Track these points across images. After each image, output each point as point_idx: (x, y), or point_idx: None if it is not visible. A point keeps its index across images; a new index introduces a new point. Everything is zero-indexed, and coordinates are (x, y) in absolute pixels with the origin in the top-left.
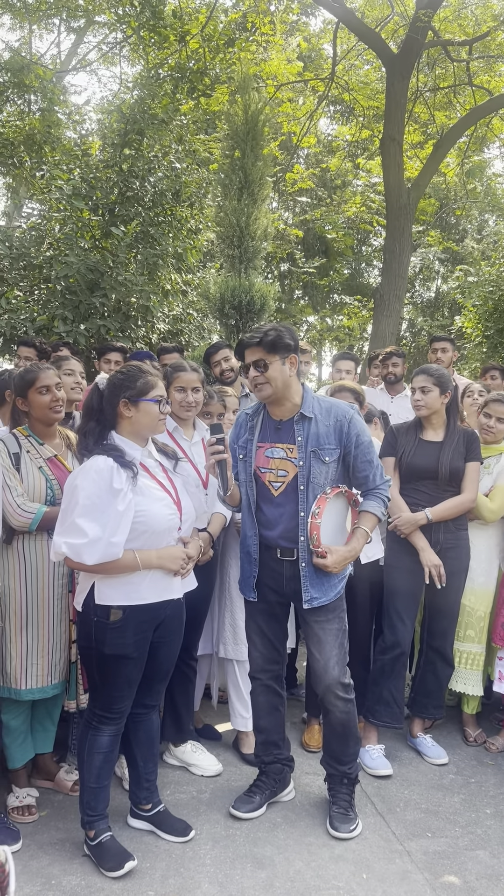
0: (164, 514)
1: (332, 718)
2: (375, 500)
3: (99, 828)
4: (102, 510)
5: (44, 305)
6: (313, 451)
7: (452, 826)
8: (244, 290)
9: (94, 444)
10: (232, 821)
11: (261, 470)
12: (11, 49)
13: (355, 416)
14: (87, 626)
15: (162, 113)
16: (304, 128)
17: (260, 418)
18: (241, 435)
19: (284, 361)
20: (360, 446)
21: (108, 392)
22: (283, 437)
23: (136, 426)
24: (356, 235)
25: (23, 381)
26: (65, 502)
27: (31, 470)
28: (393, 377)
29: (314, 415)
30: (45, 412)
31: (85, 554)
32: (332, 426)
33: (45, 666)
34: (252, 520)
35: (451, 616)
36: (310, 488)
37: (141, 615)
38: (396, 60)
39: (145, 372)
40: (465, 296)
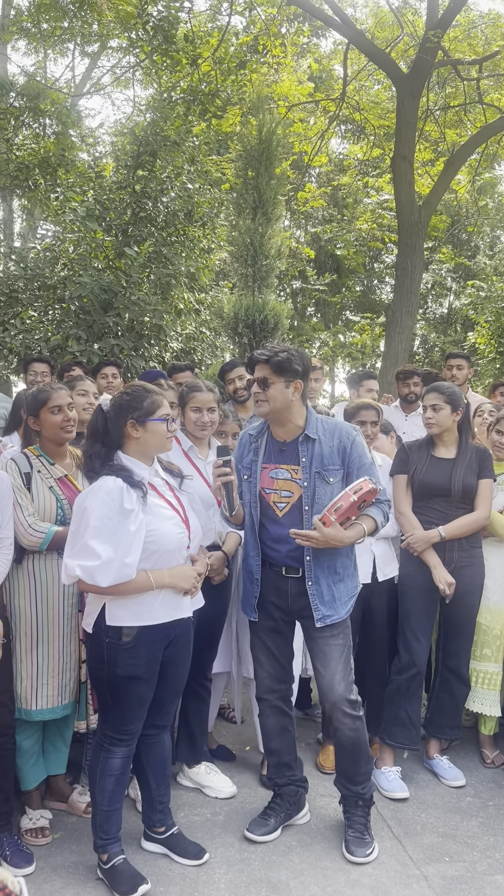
0: (173, 532)
1: (342, 737)
2: (377, 509)
3: (112, 851)
4: (114, 531)
5: (58, 325)
6: (318, 472)
7: (470, 850)
8: (257, 309)
9: (100, 465)
10: (246, 844)
11: (266, 491)
12: (27, 74)
13: (358, 437)
14: (99, 647)
15: (174, 135)
16: (315, 147)
17: (264, 439)
18: (245, 455)
19: (288, 385)
20: (361, 468)
21: (114, 413)
22: (288, 459)
23: (144, 446)
24: (367, 253)
25: (35, 400)
26: (74, 524)
27: (41, 490)
28: (413, 396)
29: (318, 436)
30: (56, 432)
31: (99, 576)
32: (335, 447)
33: (56, 686)
34: (255, 540)
35: (467, 635)
36: (314, 509)
37: (152, 635)
38: (407, 80)
39: (151, 391)
40: (477, 312)
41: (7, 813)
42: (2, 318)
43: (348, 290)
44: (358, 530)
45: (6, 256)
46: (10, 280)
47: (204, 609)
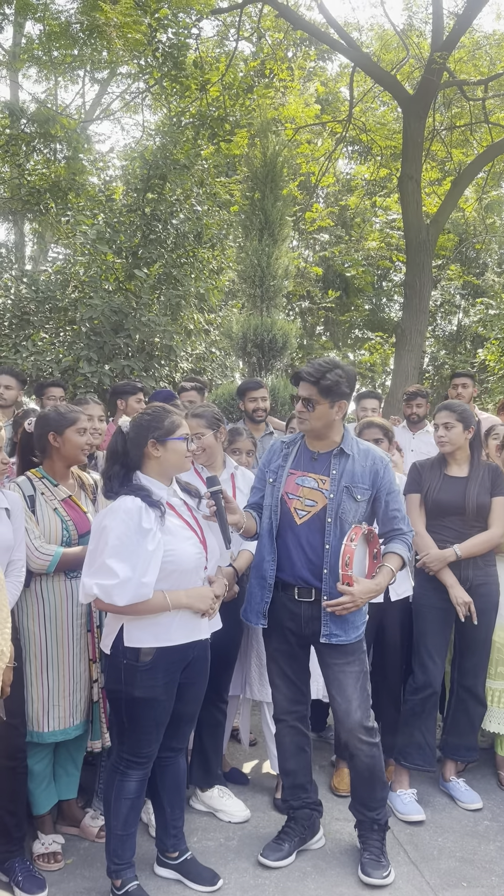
0: (191, 552)
1: (358, 763)
2: (401, 543)
3: (126, 877)
4: (132, 550)
5: (69, 347)
6: (346, 487)
7: (489, 875)
8: (266, 329)
9: (118, 486)
10: (261, 869)
11: (288, 496)
12: (38, 101)
13: (390, 464)
14: (117, 669)
15: (184, 158)
16: (322, 168)
17: (297, 447)
18: (274, 461)
19: (333, 405)
20: (391, 493)
21: (134, 433)
22: (318, 468)
23: (165, 465)
24: (375, 272)
25: (63, 418)
26: (93, 543)
27: (46, 512)
28: (416, 417)
29: (352, 453)
30: (76, 452)
31: (116, 595)
32: (367, 468)
33: (67, 707)
34: (272, 544)
35: (483, 654)
36: (337, 523)
37: (171, 656)
38: (413, 101)
39: (170, 412)
40: (487, 329)
41: (20, 838)
42: (14, 340)
43: (357, 308)
44: (385, 573)
45: (18, 279)
46: (21, 303)
47: (220, 631)
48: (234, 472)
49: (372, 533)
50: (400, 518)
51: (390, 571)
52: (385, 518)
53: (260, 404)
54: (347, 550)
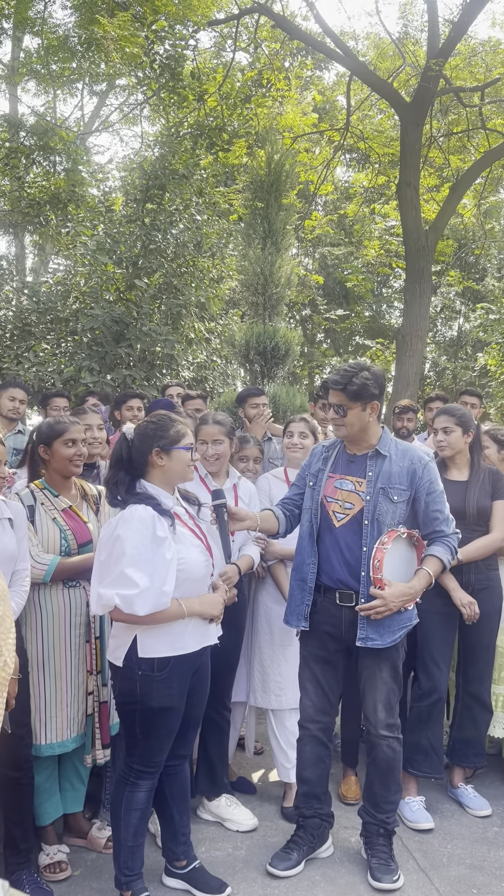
0: (200, 560)
1: (378, 755)
2: (443, 547)
3: (136, 888)
4: (149, 559)
5: (71, 357)
6: (382, 489)
7: (499, 882)
8: (268, 336)
9: (124, 493)
10: (269, 878)
11: (327, 499)
12: (37, 114)
13: (430, 463)
14: (131, 680)
15: (182, 168)
16: (321, 176)
17: (336, 451)
18: (314, 464)
19: (366, 408)
20: (431, 494)
21: (139, 441)
22: (355, 471)
23: (169, 474)
24: (375, 279)
25: (52, 430)
26: (104, 553)
27: (44, 522)
28: (405, 431)
29: (389, 454)
30: (65, 464)
31: (138, 605)
32: (405, 468)
33: (65, 719)
34: (312, 547)
35: (487, 659)
36: (374, 525)
37: (184, 664)
38: (409, 109)
39: (175, 420)
40: (487, 333)
41: (27, 850)
42: (16, 351)
43: (357, 315)
44: (422, 576)
45: (19, 291)
46: (23, 314)
47: (221, 637)
48: (236, 482)
49: (413, 537)
50: (442, 520)
51: (427, 575)
52: (426, 519)
53: (261, 411)
54: (378, 554)
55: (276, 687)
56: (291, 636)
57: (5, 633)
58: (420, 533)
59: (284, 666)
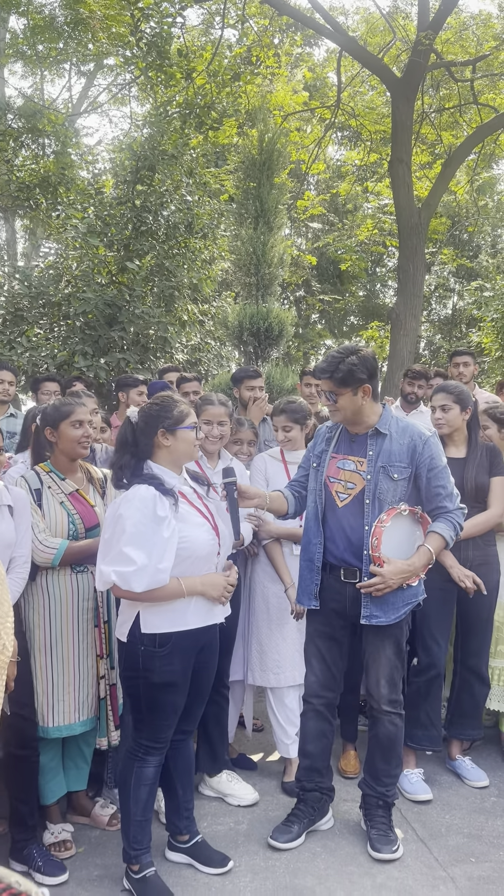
0: (204, 539)
1: (380, 730)
2: (445, 523)
3: (144, 862)
4: (148, 538)
5: (64, 341)
6: (382, 467)
7: (496, 850)
8: (262, 317)
9: (130, 475)
10: (271, 851)
11: (330, 480)
12: (24, 96)
13: (431, 439)
14: (134, 656)
15: (172, 148)
16: (312, 155)
17: (338, 431)
18: (318, 445)
19: (356, 392)
20: (433, 470)
21: (144, 423)
22: (356, 451)
23: (174, 454)
24: (369, 258)
25: (58, 412)
26: (108, 532)
27: (52, 505)
28: (413, 397)
29: (389, 432)
30: (73, 446)
31: (133, 581)
32: (405, 445)
33: (72, 703)
34: (318, 528)
35: (485, 633)
36: (375, 503)
37: (187, 641)
38: (400, 84)
39: (178, 401)
40: (481, 310)
41: (34, 826)
42: (8, 336)
43: (351, 295)
44: (422, 553)
45: (10, 276)
46: (14, 299)
47: None
48: (228, 464)
49: (416, 513)
50: (444, 495)
51: (427, 552)
52: (428, 495)
53: (258, 393)
54: (376, 531)
55: (275, 665)
56: (289, 614)
57: (3, 617)
58: (424, 509)
59: (282, 644)
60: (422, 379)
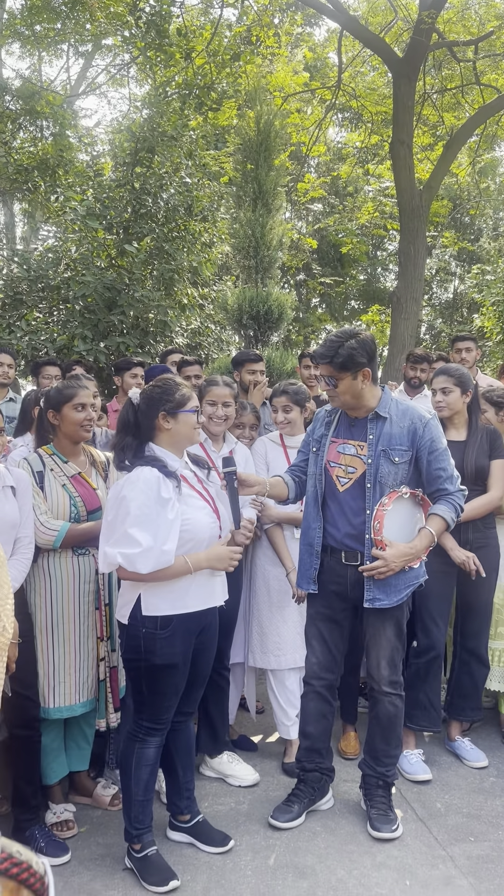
0: (206, 522)
1: (380, 710)
2: (446, 505)
3: (145, 840)
4: (153, 520)
5: (63, 325)
6: (383, 451)
7: (496, 830)
8: (261, 300)
9: (132, 457)
10: (271, 831)
11: (330, 464)
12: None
13: (432, 421)
14: (136, 638)
15: (171, 129)
16: (313, 137)
17: (338, 415)
18: (318, 430)
19: (356, 376)
20: (433, 452)
21: (145, 406)
22: (356, 435)
23: (175, 437)
24: (370, 241)
25: (60, 395)
26: (110, 513)
27: (54, 487)
28: (417, 381)
29: (389, 415)
30: (76, 429)
31: (139, 563)
32: (405, 428)
33: (73, 684)
34: (318, 512)
35: (485, 615)
36: (377, 487)
37: (187, 623)
38: (402, 63)
39: (180, 384)
40: (483, 294)
41: (37, 806)
42: (7, 320)
43: (352, 279)
44: (424, 536)
45: (9, 259)
46: (13, 282)
47: None
48: (233, 447)
49: (417, 496)
50: (445, 478)
51: (429, 534)
52: (429, 478)
53: (259, 378)
54: (378, 515)
55: (275, 647)
56: (290, 597)
57: (3, 599)
58: (424, 492)
59: (282, 626)
60: (424, 363)
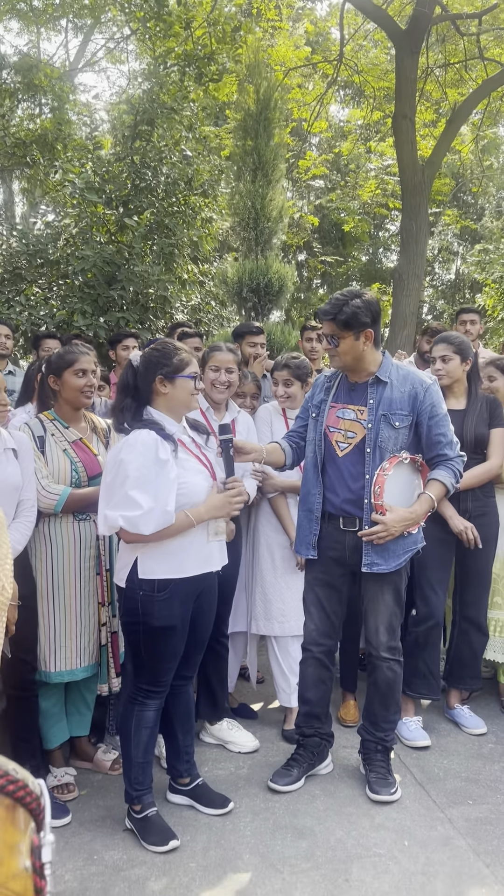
0: (203, 486)
1: (379, 676)
2: (446, 471)
3: (145, 802)
4: (152, 481)
5: (63, 301)
6: (384, 415)
7: (494, 793)
8: (261, 272)
9: (130, 419)
10: (270, 794)
11: (330, 429)
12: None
13: (433, 386)
14: (133, 601)
15: (171, 101)
16: (314, 112)
17: (337, 380)
18: (317, 395)
19: (358, 336)
20: (433, 417)
21: (144, 369)
22: (356, 399)
23: (172, 402)
24: (372, 221)
25: (61, 360)
26: (109, 476)
27: (55, 452)
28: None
29: (390, 380)
30: (76, 395)
31: (142, 524)
32: (406, 392)
33: (74, 648)
34: (317, 478)
35: (484, 584)
36: (377, 452)
37: (185, 587)
38: (405, 36)
39: (180, 349)
40: (485, 272)
41: (35, 767)
42: (7, 295)
43: (353, 259)
44: (423, 501)
45: (8, 233)
46: (12, 257)
47: None
48: (236, 416)
49: (417, 462)
50: (445, 443)
51: (429, 499)
52: (429, 443)
53: (259, 350)
54: (379, 480)
55: (279, 614)
56: (294, 564)
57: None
58: (424, 457)
59: (287, 593)
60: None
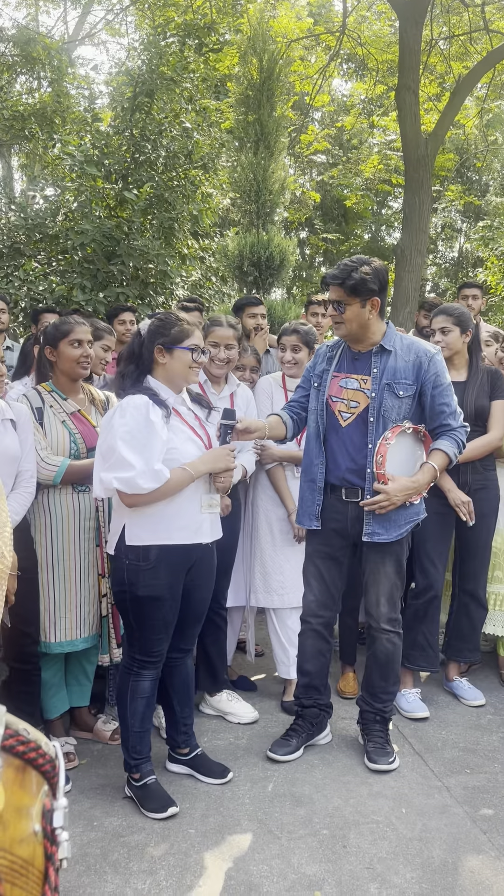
0: (194, 454)
1: (378, 648)
2: (449, 440)
3: (144, 770)
4: (143, 442)
5: (62, 276)
6: (387, 384)
7: (491, 763)
8: (263, 246)
9: (130, 385)
10: (269, 763)
11: (332, 399)
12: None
13: (437, 356)
14: (120, 569)
15: (171, 72)
16: (316, 85)
17: (340, 349)
18: (319, 365)
19: (365, 304)
20: (437, 387)
21: (146, 337)
22: (360, 369)
23: (170, 373)
24: (374, 198)
25: (57, 330)
26: (103, 440)
27: (54, 424)
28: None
29: (394, 349)
30: (72, 365)
31: (140, 482)
32: (410, 362)
33: (74, 619)
34: (319, 448)
35: (483, 558)
36: (380, 421)
37: (172, 556)
38: (409, 6)
39: (182, 320)
40: (488, 247)
41: None
42: (6, 270)
43: (356, 237)
44: (426, 470)
45: (7, 207)
46: (11, 232)
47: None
48: (235, 390)
49: (420, 432)
50: (448, 413)
51: (431, 469)
52: (432, 413)
53: (260, 322)
54: (381, 449)
55: (279, 586)
56: (292, 536)
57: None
58: (427, 427)
59: (286, 565)
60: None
